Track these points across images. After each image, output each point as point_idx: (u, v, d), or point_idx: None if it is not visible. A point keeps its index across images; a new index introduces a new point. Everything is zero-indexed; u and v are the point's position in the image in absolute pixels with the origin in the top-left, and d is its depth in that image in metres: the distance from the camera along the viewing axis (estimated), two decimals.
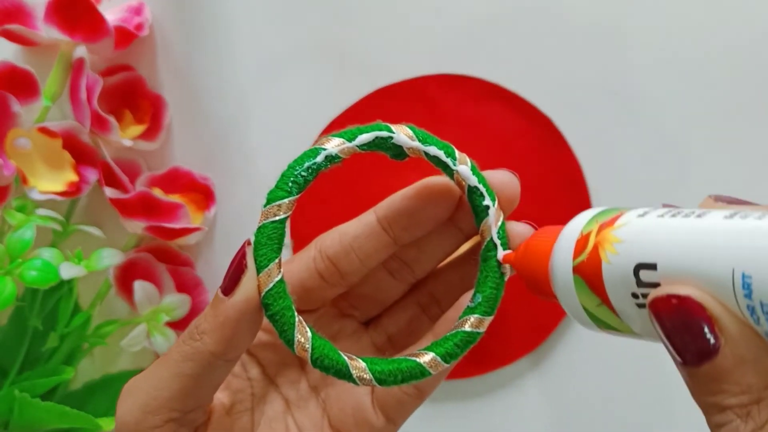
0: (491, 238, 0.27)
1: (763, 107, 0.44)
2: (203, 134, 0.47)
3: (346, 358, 0.25)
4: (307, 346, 0.25)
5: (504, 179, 0.27)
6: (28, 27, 0.42)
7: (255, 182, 0.47)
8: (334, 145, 0.26)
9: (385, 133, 0.26)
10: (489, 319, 0.27)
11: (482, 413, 0.47)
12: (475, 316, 0.27)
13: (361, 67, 0.46)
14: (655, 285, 0.20)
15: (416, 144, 0.26)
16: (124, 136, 0.44)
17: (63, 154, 0.43)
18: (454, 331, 0.27)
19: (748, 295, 0.18)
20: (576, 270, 0.23)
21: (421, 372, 0.26)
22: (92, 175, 0.44)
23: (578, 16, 0.45)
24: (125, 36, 0.44)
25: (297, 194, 0.25)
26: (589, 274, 0.22)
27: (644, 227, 0.21)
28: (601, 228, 0.22)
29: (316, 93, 0.46)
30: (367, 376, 0.25)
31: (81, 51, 0.44)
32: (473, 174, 0.27)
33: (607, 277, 0.22)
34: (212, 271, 0.47)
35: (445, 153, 0.27)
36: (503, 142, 0.45)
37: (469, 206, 0.27)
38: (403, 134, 0.26)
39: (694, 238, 0.20)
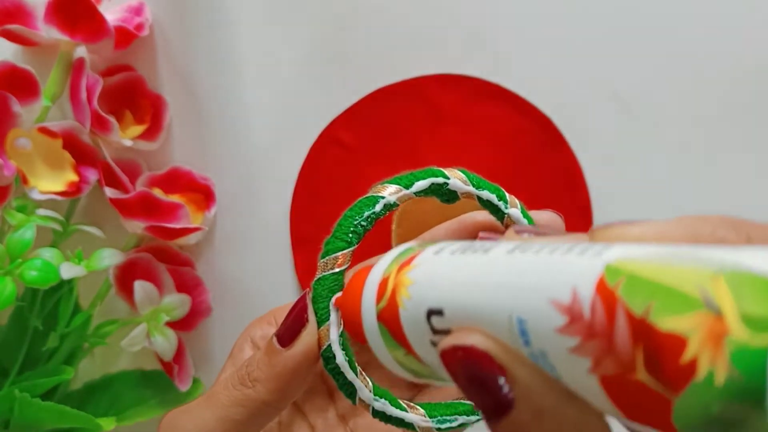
0: None
1: (764, 107, 0.44)
2: (203, 134, 0.47)
3: (406, 406, 0.26)
4: (370, 398, 0.25)
5: (549, 219, 0.28)
6: (29, 27, 0.42)
7: (255, 182, 0.47)
8: (390, 192, 0.26)
9: (440, 180, 0.26)
10: None
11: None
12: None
13: (361, 67, 0.46)
14: (447, 332, 0.18)
15: (470, 189, 0.26)
16: (125, 136, 0.44)
17: (63, 154, 0.43)
18: None
19: (527, 343, 0.16)
20: (379, 317, 0.21)
21: (478, 416, 0.26)
22: (92, 175, 0.44)
23: (578, 16, 0.45)
24: (125, 36, 0.44)
25: (356, 245, 0.25)
26: (389, 322, 0.20)
27: (435, 267, 0.19)
28: (400, 269, 0.20)
29: (316, 93, 0.46)
30: (428, 424, 0.26)
31: (81, 51, 0.44)
32: (524, 217, 0.27)
33: (405, 324, 0.20)
34: (212, 271, 0.47)
35: (497, 197, 0.27)
36: (503, 142, 0.45)
37: None
38: (457, 180, 0.26)
39: (477, 278, 0.18)
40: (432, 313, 0.19)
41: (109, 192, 0.43)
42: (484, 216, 0.27)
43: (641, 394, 0.14)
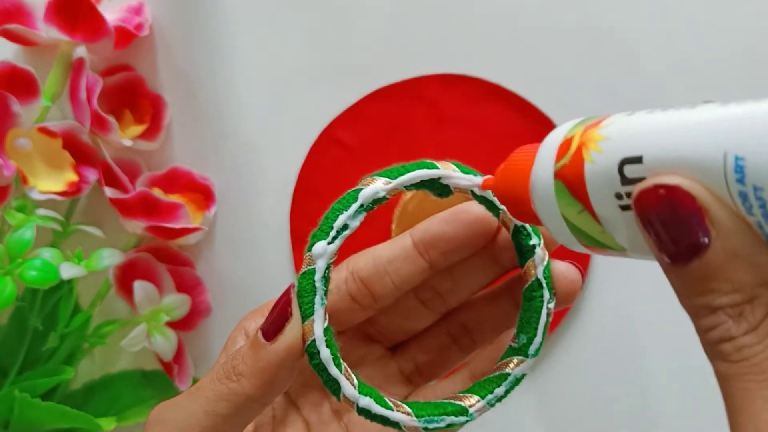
0: (536, 278, 0.26)
1: None
2: (203, 134, 0.47)
3: (392, 405, 0.25)
4: (354, 395, 0.25)
5: None
6: (28, 27, 0.42)
7: (255, 182, 0.47)
8: (380, 186, 0.25)
9: (431, 172, 0.25)
10: (533, 362, 0.27)
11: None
12: (519, 357, 0.26)
13: (361, 67, 0.46)
14: (641, 180, 0.19)
15: (466, 183, 0.26)
16: (124, 136, 0.44)
17: (63, 154, 0.43)
18: (498, 374, 0.27)
19: (741, 180, 0.17)
20: (557, 174, 0.21)
21: (466, 417, 0.26)
22: (92, 175, 0.44)
23: (578, 16, 0.45)
24: (125, 36, 0.44)
25: (343, 239, 0.25)
26: (570, 177, 0.21)
27: (631, 123, 0.20)
28: (585, 130, 0.21)
29: (317, 93, 0.46)
30: (414, 423, 0.25)
31: (81, 51, 0.44)
32: None
33: (589, 178, 0.20)
34: (212, 270, 0.47)
35: (493, 193, 0.26)
36: (503, 142, 0.45)
37: (510, 242, 0.27)
38: (450, 172, 0.25)
39: (683, 126, 0.18)
40: (626, 162, 0.19)
41: (109, 192, 0.43)
42: (480, 208, 0.27)
43: None
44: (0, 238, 0.42)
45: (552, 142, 0.22)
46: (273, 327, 0.24)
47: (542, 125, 0.45)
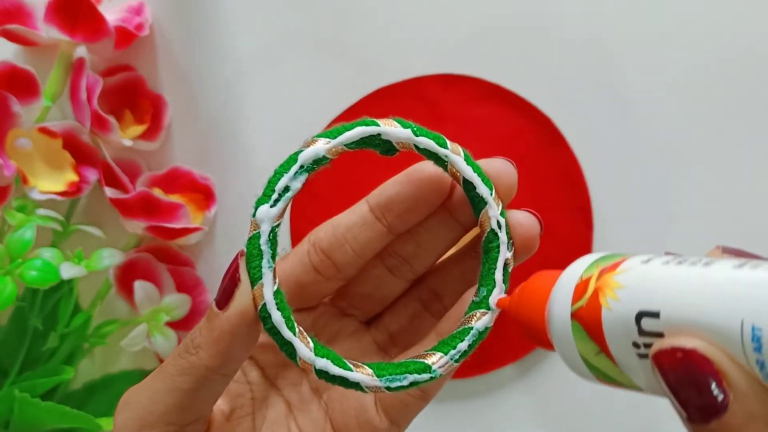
0: (491, 229, 0.26)
1: (763, 108, 0.44)
2: (203, 134, 0.47)
3: (351, 366, 0.24)
4: (310, 357, 0.24)
5: (499, 167, 0.26)
6: (29, 27, 0.42)
7: (255, 182, 0.47)
8: (320, 146, 0.25)
9: (372, 129, 0.25)
10: (496, 313, 0.26)
11: (482, 413, 0.47)
12: (482, 310, 0.26)
13: (361, 67, 0.46)
14: (658, 334, 0.19)
15: (405, 136, 0.25)
16: (124, 136, 0.44)
17: (63, 154, 0.43)
18: (461, 328, 0.26)
19: (758, 349, 0.17)
20: (574, 316, 0.22)
21: (430, 374, 0.25)
22: (92, 175, 0.44)
23: (578, 17, 0.45)
24: (125, 36, 0.44)
25: (286, 202, 0.24)
26: (588, 320, 0.21)
27: (648, 273, 0.20)
28: (602, 273, 0.21)
29: (317, 93, 0.46)
30: (375, 383, 0.24)
31: (81, 51, 0.44)
32: (468, 164, 0.25)
33: (606, 324, 0.21)
34: (212, 270, 0.47)
35: (436, 143, 0.25)
36: (503, 142, 0.45)
37: (465, 198, 0.26)
38: (389, 128, 0.25)
39: (700, 287, 0.19)
40: (643, 315, 0.19)
41: (109, 192, 0.43)
42: (433, 167, 0.26)
43: None
44: (0, 238, 0.42)
45: (569, 280, 0.22)
46: (224, 295, 0.24)
47: (542, 125, 0.45)
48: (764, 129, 0.45)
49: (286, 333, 0.24)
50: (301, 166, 0.25)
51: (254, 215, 0.24)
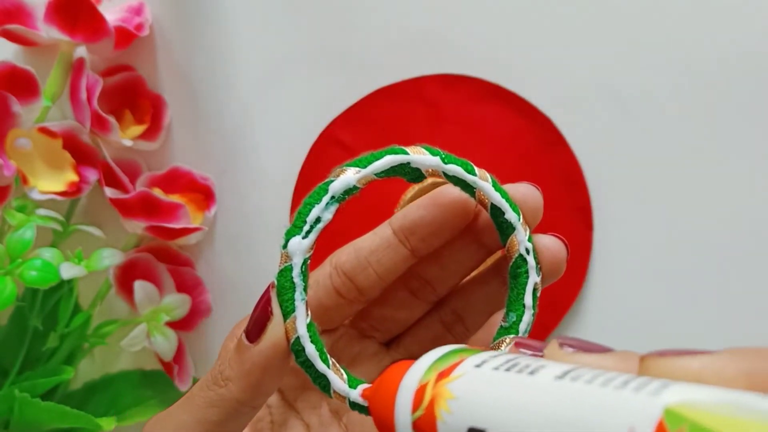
0: (520, 254, 0.26)
1: (764, 108, 0.44)
2: (203, 134, 0.47)
3: None
4: (345, 390, 0.24)
5: (525, 192, 0.26)
6: (29, 27, 0.43)
7: (255, 182, 0.47)
8: (350, 176, 0.24)
9: (401, 157, 0.25)
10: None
11: None
12: (510, 336, 0.26)
13: (361, 67, 0.46)
14: None
15: (434, 163, 0.25)
16: (124, 136, 0.44)
17: (63, 154, 0.43)
18: None
19: None
20: (414, 426, 0.20)
21: None
22: (92, 175, 0.44)
23: (579, 16, 0.45)
24: (125, 36, 0.44)
25: (317, 232, 0.24)
26: None
27: (477, 383, 0.19)
28: (439, 377, 0.20)
29: (317, 93, 0.46)
30: None
31: (81, 51, 0.44)
32: (496, 190, 0.25)
33: None
34: (212, 271, 0.47)
35: (464, 170, 0.25)
36: (503, 142, 0.45)
37: (491, 222, 0.26)
38: (419, 156, 0.25)
39: (525, 404, 0.18)
40: (472, 431, 0.19)
41: (109, 192, 0.43)
42: (457, 192, 0.26)
43: None
44: (0, 238, 0.42)
45: (410, 383, 0.21)
46: (255, 328, 0.24)
47: (542, 125, 0.45)
48: (765, 129, 0.45)
49: (321, 366, 0.24)
50: (332, 197, 0.24)
51: (285, 247, 0.24)
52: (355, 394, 0.24)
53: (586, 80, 0.45)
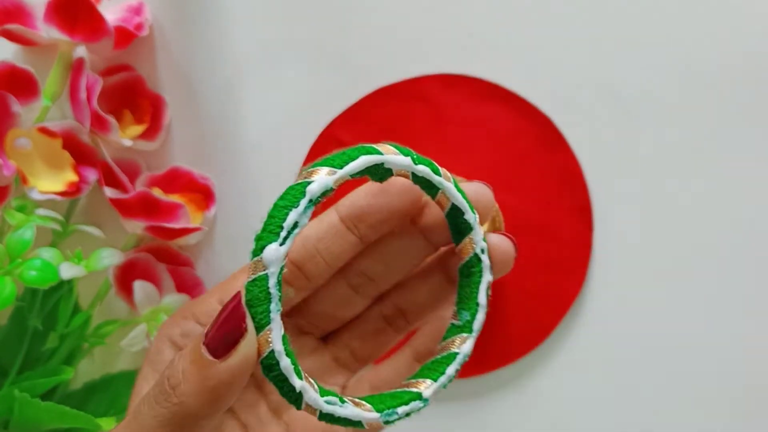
0: (474, 253, 0.26)
1: (764, 108, 0.44)
2: (203, 134, 0.47)
3: (352, 403, 0.24)
4: (318, 402, 0.23)
5: (477, 190, 0.26)
6: (28, 27, 0.43)
7: (255, 182, 0.47)
8: (327, 178, 0.23)
9: (376, 157, 0.24)
10: (475, 338, 0.27)
11: (482, 413, 0.47)
12: (463, 335, 0.26)
13: (361, 67, 0.46)
14: None
15: (407, 164, 0.24)
16: (124, 136, 0.44)
17: (63, 154, 0.43)
18: (446, 354, 0.26)
19: None
20: None
21: (423, 402, 0.26)
22: (92, 175, 0.44)
23: (579, 16, 0.45)
24: (125, 36, 0.44)
25: (293, 238, 0.23)
26: None
27: None
28: None
29: (317, 93, 0.46)
30: (375, 418, 0.24)
31: (81, 51, 0.44)
32: (458, 191, 0.25)
33: None
34: (212, 271, 0.48)
35: (431, 170, 0.25)
36: (503, 142, 0.45)
37: (440, 220, 0.26)
38: (392, 156, 0.24)
39: None
40: None
41: (109, 192, 0.43)
42: (404, 180, 0.26)
43: None
44: (0, 238, 0.42)
45: None
46: (223, 344, 0.22)
47: (542, 125, 0.45)
48: (765, 129, 0.45)
49: (297, 382, 0.23)
50: (310, 200, 0.23)
51: (258, 254, 0.22)
52: (329, 407, 0.23)
53: (586, 80, 0.45)
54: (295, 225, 0.22)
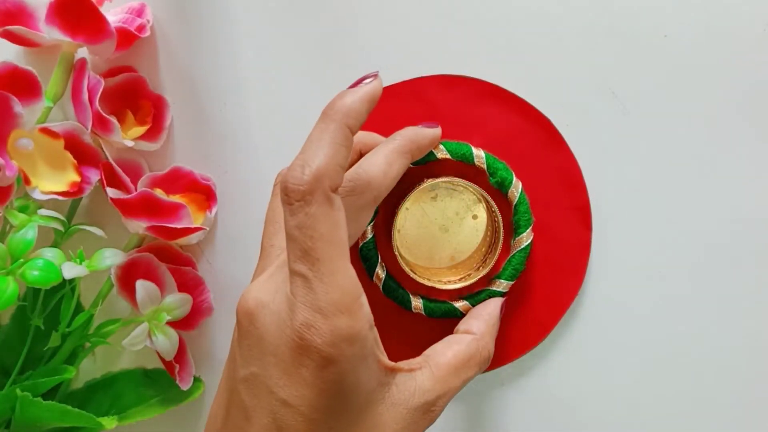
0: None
1: (764, 108, 0.45)
2: (204, 135, 0.47)
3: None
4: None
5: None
6: (30, 28, 0.43)
7: (256, 182, 0.47)
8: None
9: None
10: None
11: (481, 413, 0.47)
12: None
13: (362, 67, 0.46)
14: None
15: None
16: (126, 136, 0.44)
17: (65, 155, 0.43)
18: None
19: None
20: None
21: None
22: (94, 175, 0.44)
23: (578, 16, 0.45)
24: (127, 37, 0.44)
25: None
26: None
27: None
28: None
29: (317, 93, 0.46)
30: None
31: (83, 52, 0.44)
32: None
33: None
34: (214, 270, 0.48)
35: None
36: (503, 142, 0.45)
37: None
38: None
39: None
40: None
41: (111, 192, 0.43)
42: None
43: None
44: (2, 239, 0.42)
45: None
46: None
47: (542, 126, 0.45)
48: (765, 129, 0.45)
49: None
50: None
51: None
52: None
53: (586, 80, 0.45)
54: None
